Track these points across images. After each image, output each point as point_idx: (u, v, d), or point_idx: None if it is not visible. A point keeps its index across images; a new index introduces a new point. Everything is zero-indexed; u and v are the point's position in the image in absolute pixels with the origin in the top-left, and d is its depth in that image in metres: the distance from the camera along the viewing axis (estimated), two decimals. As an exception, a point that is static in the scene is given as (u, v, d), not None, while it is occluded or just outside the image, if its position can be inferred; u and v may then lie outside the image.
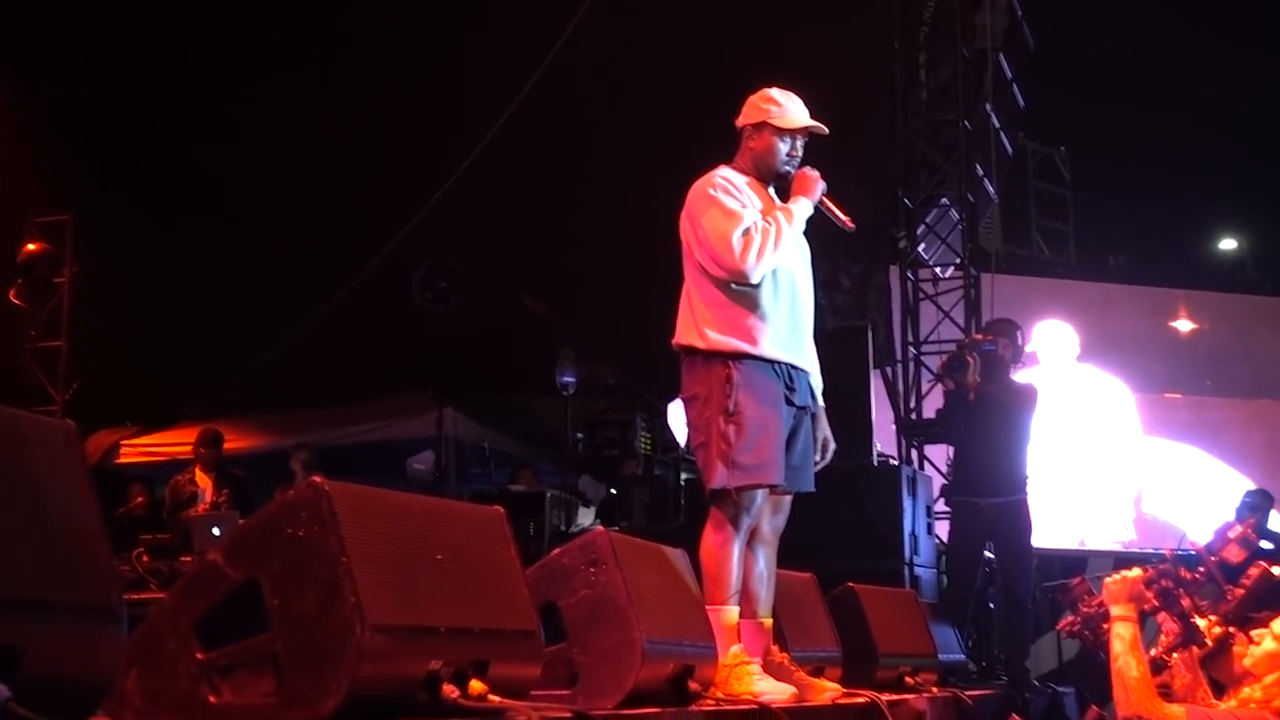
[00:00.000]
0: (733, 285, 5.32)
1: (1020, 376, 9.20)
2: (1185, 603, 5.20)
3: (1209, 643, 5.12)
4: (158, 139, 13.50)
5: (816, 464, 5.67)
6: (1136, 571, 5.22)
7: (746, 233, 5.26)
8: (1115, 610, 5.12)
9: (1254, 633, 4.93)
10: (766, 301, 5.37)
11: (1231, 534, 5.41)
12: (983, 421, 8.72)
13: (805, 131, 5.57)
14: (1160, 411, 13.75)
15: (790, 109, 5.56)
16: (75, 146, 13.47)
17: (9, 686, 2.17)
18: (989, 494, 8.75)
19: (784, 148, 5.55)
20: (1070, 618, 5.59)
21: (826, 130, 5.56)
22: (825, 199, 5.59)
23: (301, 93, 13.40)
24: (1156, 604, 5.20)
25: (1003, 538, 8.89)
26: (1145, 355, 13.38)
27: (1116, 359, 11.97)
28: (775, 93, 5.58)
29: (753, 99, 5.62)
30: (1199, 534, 10.71)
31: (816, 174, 5.57)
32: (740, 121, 5.62)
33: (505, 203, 13.59)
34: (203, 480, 11.69)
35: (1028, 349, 10.81)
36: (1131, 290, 15.83)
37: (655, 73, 12.86)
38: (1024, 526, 8.84)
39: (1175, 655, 5.15)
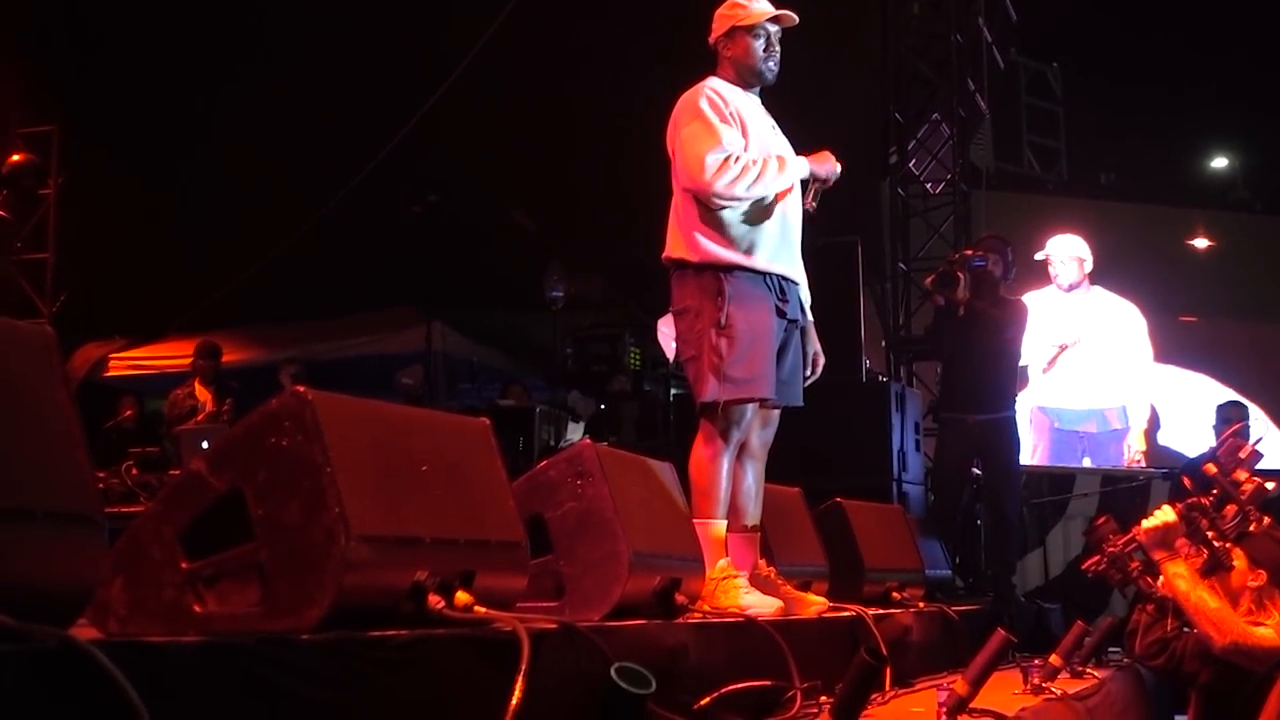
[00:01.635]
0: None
1: (1035, 288, 9.18)
2: (1210, 532, 5.22)
3: (1234, 564, 5.15)
4: (144, 48, 13.35)
5: (806, 378, 5.67)
6: (1168, 513, 5.22)
7: (726, 160, 5.23)
8: (1160, 554, 5.13)
9: None
10: (757, 213, 5.35)
11: (1242, 454, 5.41)
12: (972, 338, 8.72)
13: (774, 20, 5.54)
14: (1175, 335, 13.69)
15: (754, 5, 5.57)
16: (59, 56, 13.33)
17: (-13, 594, 2.15)
18: (976, 410, 8.77)
19: (759, 44, 5.55)
20: (1096, 557, 5.60)
21: (795, 18, 5.55)
22: (817, 182, 5.53)
23: (287, 3, 13.26)
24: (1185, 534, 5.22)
25: (990, 454, 8.89)
26: (1149, 275, 13.30)
27: (1123, 278, 11.90)
28: None
29: (718, 11, 5.67)
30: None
31: (836, 165, 5.56)
32: (712, 37, 5.66)
33: (495, 116, 13.48)
34: (202, 394, 11.72)
35: (1038, 257, 10.78)
36: (1124, 207, 15.77)
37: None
38: (1011, 444, 8.87)
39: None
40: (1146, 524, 5.23)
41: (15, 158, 13.28)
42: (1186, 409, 12.71)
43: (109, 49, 13.42)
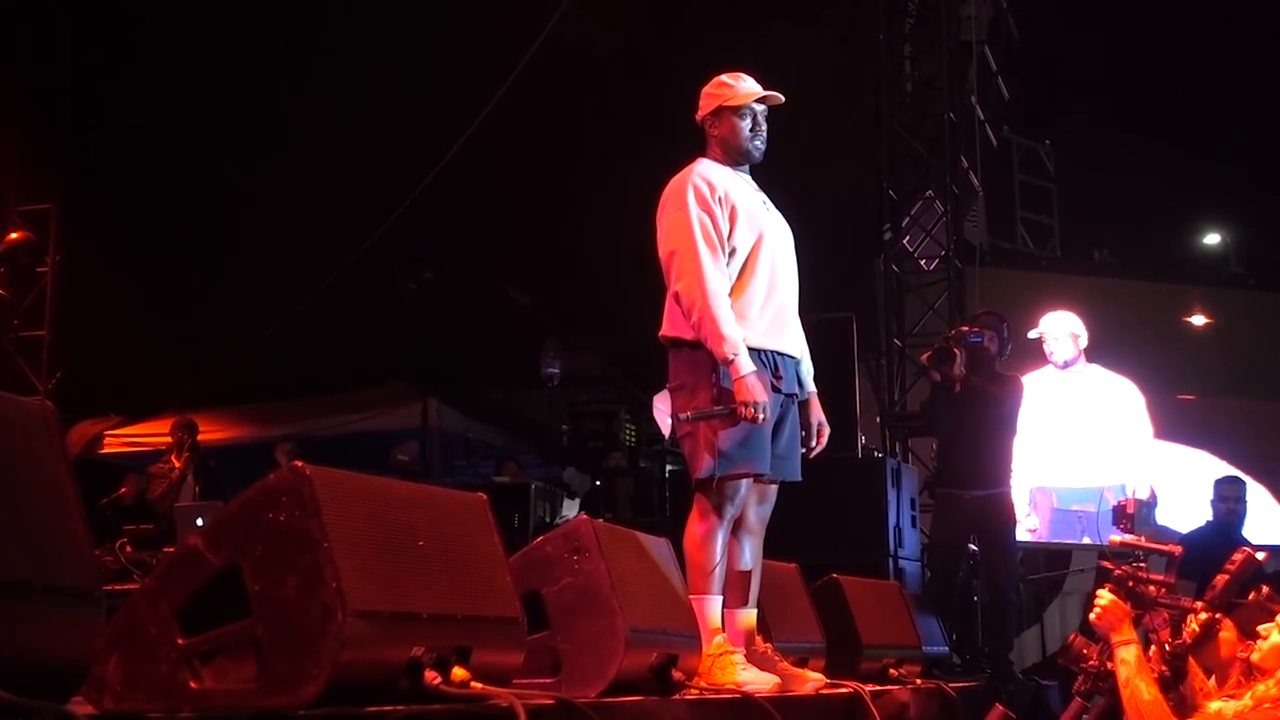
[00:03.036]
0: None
1: (1032, 368, 9.18)
2: (1151, 590, 5.21)
3: (1195, 626, 5.11)
4: (141, 128, 13.42)
5: (812, 449, 5.68)
6: (1106, 595, 5.21)
7: (704, 289, 5.24)
8: (1115, 638, 5.11)
9: (1260, 627, 4.91)
10: (750, 290, 5.38)
11: (1129, 509, 5.45)
12: (967, 414, 8.70)
13: (760, 101, 5.59)
14: (1172, 414, 13.67)
15: (740, 86, 5.61)
16: (58, 135, 13.41)
17: (-15, 669, 2.16)
18: (972, 486, 8.72)
19: (745, 124, 5.59)
20: (1080, 678, 5.57)
21: (781, 98, 5.59)
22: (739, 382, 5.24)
23: (285, 83, 13.34)
24: (1134, 610, 5.19)
25: (986, 530, 8.85)
26: (1145, 353, 13.32)
27: (1119, 356, 11.91)
28: (724, 77, 5.67)
29: (705, 89, 5.70)
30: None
31: (757, 398, 5.21)
32: (699, 115, 5.68)
33: (490, 194, 13.54)
34: (179, 466, 11.79)
35: (1031, 335, 10.78)
36: (1119, 284, 15.82)
37: (641, 66, 12.83)
38: (1007, 519, 8.83)
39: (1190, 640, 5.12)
40: (1092, 616, 5.21)
41: (13, 235, 13.31)
42: (1185, 487, 12.67)
43: (108, 129, 13.49)
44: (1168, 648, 5.10)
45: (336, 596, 2.94)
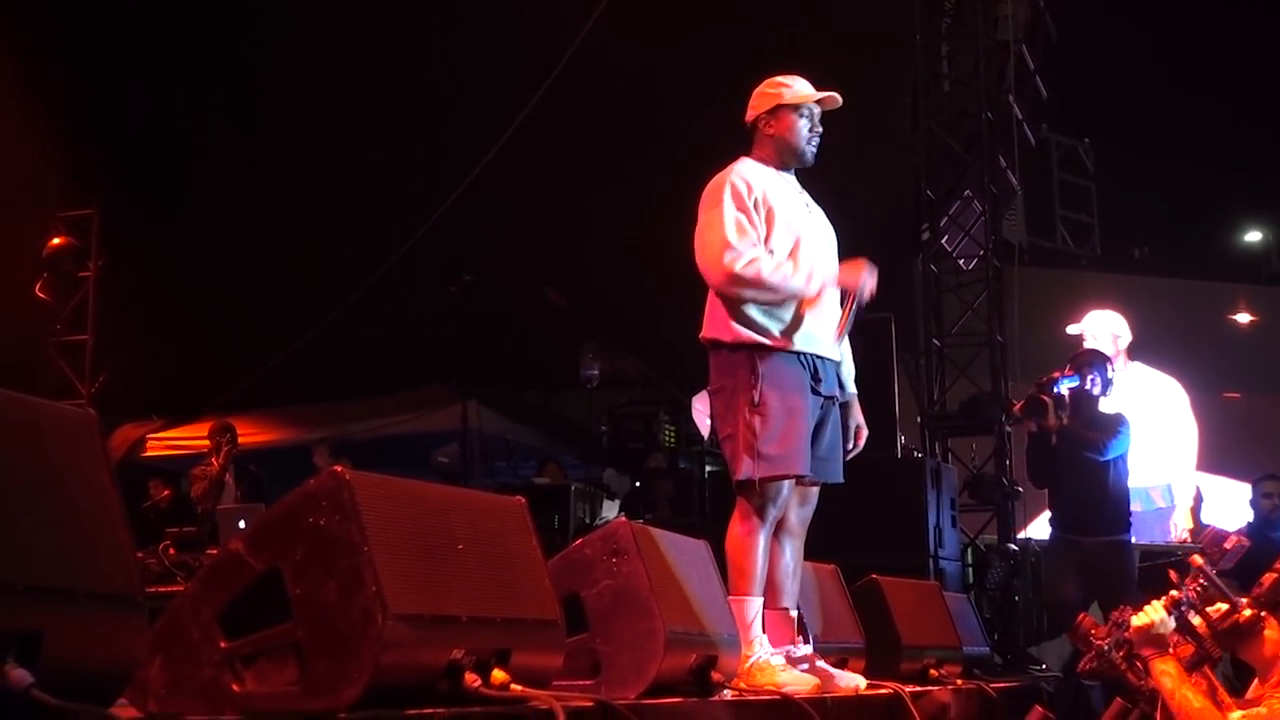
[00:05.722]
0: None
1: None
2: (1198, 622, 5.17)
3: (1215, 658, 5.08)
4: (181, 132, 13.51)
5: (850, 451, 5.67)
6: (1156, 610, 5.16)
7: (746, 262, 5.25)
8: (1148, 650, 5.08)
9: None
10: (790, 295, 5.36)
11: (1228, 544, 5.35)
12: (1072, 461, 8.44)
13: (819, 103, 5.57)
14: (1218, 412, 13.55)
15: (798, 86, 5.58)
16: (99, 142, 13.50)
17: (30, 673, 2.18)
18: (1089, 533, 8.46)
19: (803, 124, 5.56)
20: (1086, 656, 5.54)
21: (840, 100, 5.57)
22: (848, 306, 5.53)
23: (322, 89, 13.39)
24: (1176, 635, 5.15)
25: (1105, 580, 8.37)
26: (1189, 352, 13.22)
27: (1161, 355, 11.81)
28: (780, 77, 5.65)
29: (758, 90, 5.67)
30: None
31: (867, 277, 5.52)
32: (751, 114, 5.65)
33: (529, 196, 13.56)
34: (220, 470, 11.87)
35: (1071, 331, 10.63)
36: (1160, 282, 15.75)
37: (675, 66, 12.84)
38: (1128, 570, 8.48)
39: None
40: (1135, 621, 5.17)
41: (55, 241, 13.42)
42: (1231, 486, 12.58)
43: (148, 134, 13.57)
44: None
45: (376, 600, 2.95)
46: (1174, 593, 5.12)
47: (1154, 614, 5.10)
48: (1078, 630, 5.45)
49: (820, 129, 5.60)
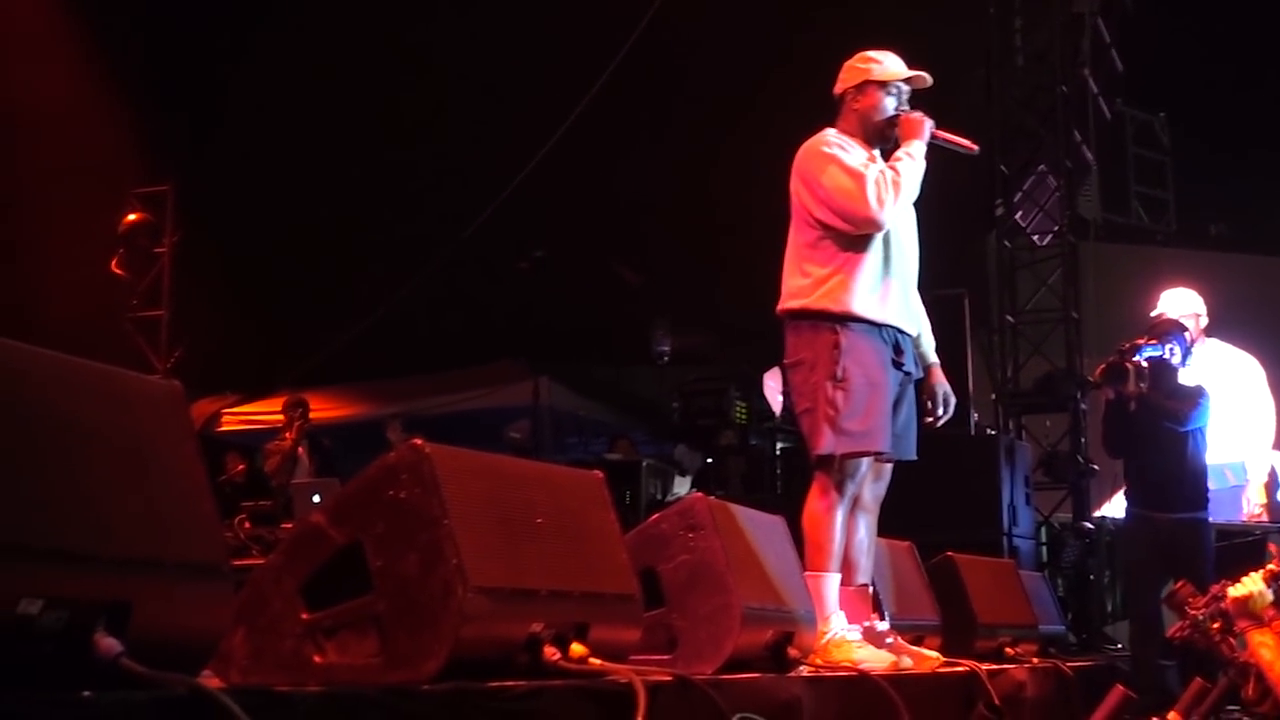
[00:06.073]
0: (843, 250, 5.28)
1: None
2: None
3: None
4: (256, 110, 13.59)
5: (939, 418, 5.63)
6: (1255, 581, 5.10)
7: (875, 183, 5.21)
8: (1244, 623, 5.02)
9: None
10: (876, 265, 5.33)
11: None
12: (1150, 432, 8.14)
13: (908, 82, 5.53)
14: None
15: (889, 63, 5.53)
16: (175, 118, 13.61)
17: (119, 642, 2.20)
18: (1166, 509, 8.15)
19: (891, 102, 5.52)
20: (1179, 623, 5.48)
21: (929, 80, 5.52)
22: (937, 132, 5.50)
23: (398, 67, 13.44)
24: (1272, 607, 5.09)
25: (1178, 559, 7.92)
26: (1266, 328, 13.03)
27: (1238, 331, 11.64)
28: (872, 52, 5.59)
29: (850, 63, 5.60)
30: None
31: (920, 114, 5.50)
32: (840, 87, 5.59)
33: (600, 172, 13.56)
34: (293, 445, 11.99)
35: (1155, 315, 10.49)
36: (1236, 258, 15.53)
37: (743, 37, 12.79)
38: (1205, 550, 8.15)
39: None
40: (1232, 592, 5.11)
41: (131, 217, 13.52)
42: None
43: (222, 109, 13.67)
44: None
45: (457, 573, 2.96)
46: (1272, 565, 5.06)
47: (1253, 586, 5.05)
48: (1174, 597, 5.39)
49: (907, 109, 5.55)
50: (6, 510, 2.09)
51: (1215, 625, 5.16)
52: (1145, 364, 8.09)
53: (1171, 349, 8.31)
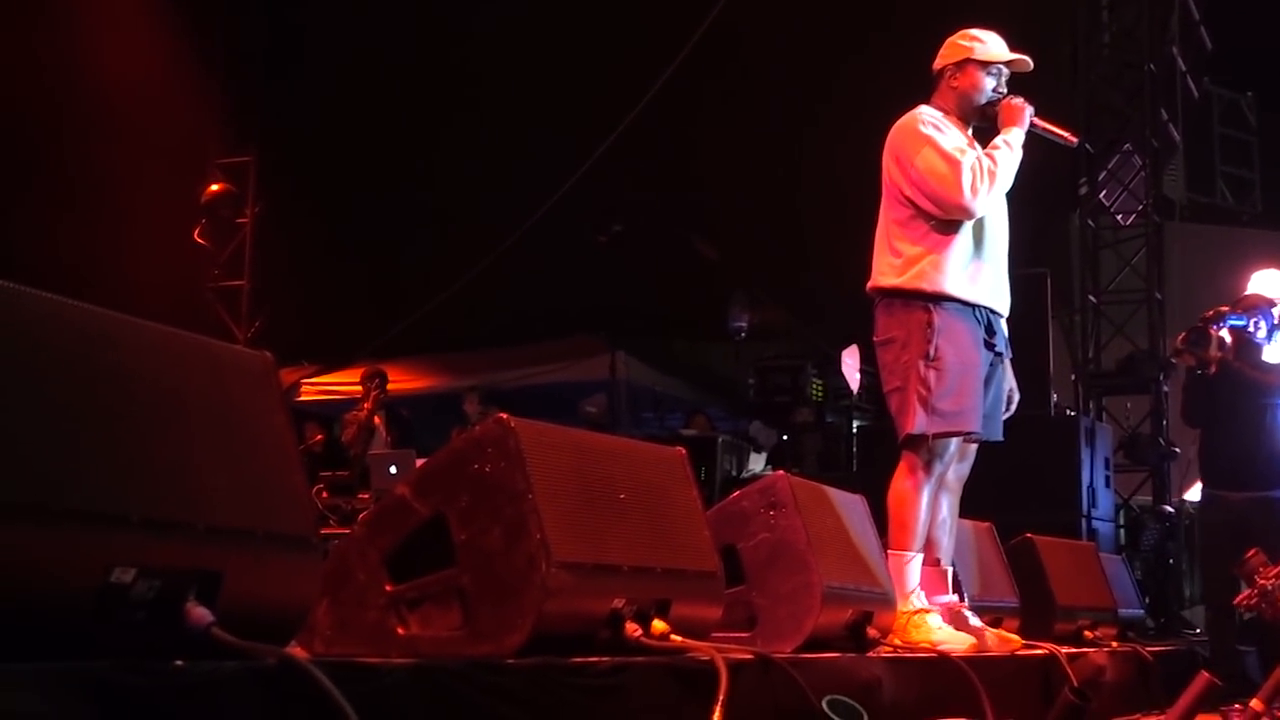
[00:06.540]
0: (936, 228, 5.23)
1: None
2: None
3: None
4: (337, 82, 13.65)
5: (1004, 414, 5.58)
6: None
7: (971, 170, 5.16)
8: None
9: None
10: (968, 244, 5.28)
11: None
12: (1229, 404, 7.92)
13: (1009, 65, 5.46)
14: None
15: (991, 44, 5.47)
16: (257, 89, 13.70)
17: (210, 612, 2.22)
18: (1239, 486, 7.91)
19: (990, 83, 5.46)
20: (1248, 591, 5.41)
21: (1030, 64, 5.45)
22: (1036, 121, 5.45)
23: (477, 39, 13.45)
24: None
25: (1251, 537, 7.28)
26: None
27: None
28: (975, 31, 5.52)
29: (952, 39, 5.54)
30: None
31: (1021, 100, 5.44)
32: (939, 63, 5.53)
33: (678, 146, 13.51)
34: (372, 417, 12.06)
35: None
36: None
37: (826, 15, 12.70)
38: (1276, 525, 7.74)
39: None
40: None
41: (214, 187, 13.65)
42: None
43: (305, 81, 13.73)
44: None
45: (540, 547, 2.97)
46: None
47: None
48: (1245, 566, 5.33)
49: (1005, 91, 5.48)
50: (101, 479, 2.11)
51: None
52: (1228, 333, 7.91)
53: (1257, 323, 8.10)
